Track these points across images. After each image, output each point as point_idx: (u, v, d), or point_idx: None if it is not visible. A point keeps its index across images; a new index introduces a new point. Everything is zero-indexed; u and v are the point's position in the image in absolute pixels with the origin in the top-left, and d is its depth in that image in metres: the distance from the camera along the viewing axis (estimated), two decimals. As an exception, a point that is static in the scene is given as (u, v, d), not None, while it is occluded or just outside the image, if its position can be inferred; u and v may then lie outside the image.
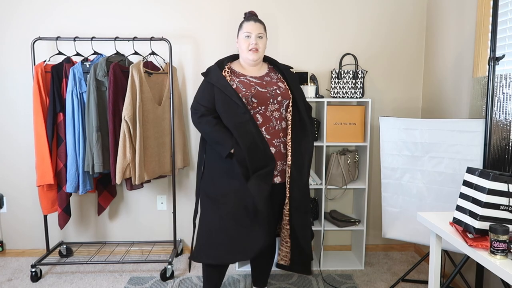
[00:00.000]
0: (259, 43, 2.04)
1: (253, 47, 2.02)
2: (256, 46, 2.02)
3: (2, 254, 3.00)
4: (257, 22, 2.06)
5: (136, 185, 2.56)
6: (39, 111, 2.47)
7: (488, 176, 1.35)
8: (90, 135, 2.44)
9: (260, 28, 2.05)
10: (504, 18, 2.05)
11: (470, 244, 1.34)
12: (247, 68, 2.11)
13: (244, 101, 1.96)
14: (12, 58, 2.83)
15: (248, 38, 2.04)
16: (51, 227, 2.89)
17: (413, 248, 3.09)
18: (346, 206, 3.03)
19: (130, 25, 2.84)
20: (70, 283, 2.57)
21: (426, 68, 2.90)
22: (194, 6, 2.84)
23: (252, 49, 2.03)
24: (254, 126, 1.96)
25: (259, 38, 2.04)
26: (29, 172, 2.91)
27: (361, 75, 2.65)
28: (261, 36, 2.05)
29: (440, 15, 2.67)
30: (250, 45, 2.02)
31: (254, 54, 2.04)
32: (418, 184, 2.28)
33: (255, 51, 2.03)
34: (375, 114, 2.95)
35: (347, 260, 2.89)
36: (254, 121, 1.97)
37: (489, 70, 1.91)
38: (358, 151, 2.85)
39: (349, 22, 2.88)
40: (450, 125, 2.14)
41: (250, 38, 2.03)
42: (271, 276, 2.63)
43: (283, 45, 2.88)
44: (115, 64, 2.42)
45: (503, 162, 2.01)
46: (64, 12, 2.81)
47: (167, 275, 2.59)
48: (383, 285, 2.55)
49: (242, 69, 2.11)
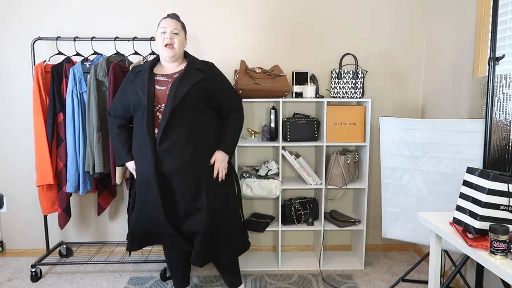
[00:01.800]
0: (175, 38, 2.04)
1: (167, 42, 2.02)
2: (171, 41, 2.03)
3: (2, 254, 3.00)
4: (174, 19, 2.08)
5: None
6: (39, 111, 2.47)
7: (488, 176, 1.35)
8: (90, 135, 2.44)
9: (176, 25, 2.06)
10: (504, 18, 2.05)
11: (470, 244, 1.35)
12: (165, 66, 2.11)
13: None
14: (12, 58, 2.83)
15: (163, 34, 2.04)
16: (51, 227, 2.90)
17: (413, 248, 3.09)
18: (346, 206, 3.03)
19: (130, 25, 2.84)
20: (70, 283, 2.57)
21: (426, 68, 2.90)
22: (194, 6, 2.84)
23: (168, 45, 2.03)
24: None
25: (175, 34, 2.04)
26: (29, 172, 2.91)
27: (361, 75, 2.66)
28: (177, 33, 2.05)
29: (440, 15, 2.67)
30: (165, 40, 2.03)
31: (170, 51, 2.04)
32: (418, 184, 2.28)
33: (170, 48, 2.03)
34: (375, 114, 2.95)
35: (347, 260, 2.89)
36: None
37: (489, 70, 1.91)
38: (358, 151, 2.85)
39: (349, 21, 2.88)
40: (450, 125, 2.14)
41: (165, 34, 2.03)
42: (270, 276, 2.63)
43: (283, 45, 2.88)
44: (115, 64, 2.42)
45: (503, 162, 2.01)
46: (64, 12, 2.81)
47: (167, 275, 2.59)
48: (383, 285, 2.55)
49: (160, 68, 2.12)
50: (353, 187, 2.70)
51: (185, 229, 2.08)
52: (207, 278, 2.61)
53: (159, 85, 2.03)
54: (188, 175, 2.03)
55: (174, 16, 2.12)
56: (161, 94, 2.01)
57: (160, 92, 2.01)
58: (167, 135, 1.98)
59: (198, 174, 2.05)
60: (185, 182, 2.03)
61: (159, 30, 2.06)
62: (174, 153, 2.00)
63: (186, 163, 2.01)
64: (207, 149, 2.10)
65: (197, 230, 2.05)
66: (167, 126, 1.97)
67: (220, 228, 2.11)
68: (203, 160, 2.08)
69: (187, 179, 2.03)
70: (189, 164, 2.02)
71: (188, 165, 2.02)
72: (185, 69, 2.06)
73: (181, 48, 2.08)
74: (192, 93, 2.00)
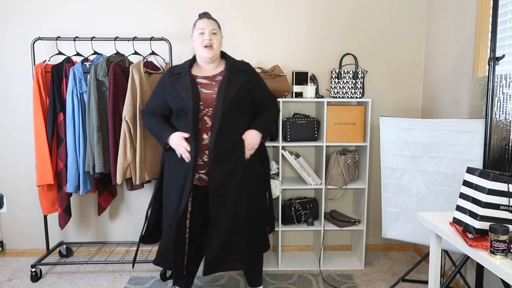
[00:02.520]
0: (213, 39, 2.03)
1: (207, 43, 2.01)
2: (210, 42, 2.01)
3: (2, 254, 3.00)
4: (210, 19, 2.07)
5: (137, 185, 2.57)
6: (39, 111, 2.47)
7: (488, 176, 1.35)
8: (90, 135, 2.44)
9: (213, 25, 2.05)
10: (504, 18, 2.05)
11: (470, 244, 1.34)
12: (203, 68, 2.10)
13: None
14: (12, 58, 2.83)
15: (202, 35, 2.03)
16: (51, 227, 2.90)
17: (413, 248, 3.09)
18: (346, 206, 3.03)
19: (130, 25, 2.84)
20: (70, 283, 2.57)
21: (426, 68, 2.90)
22: (194, 6, 2.84)
23: (207, 46, 2.02)
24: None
25: (213, 35, 2.03)
26: (29, 172, 2.91)
27: (361, 75, 2.66)
28: (215, 33, 2.04)
29: (440, 15, 2.67)
30: (204, 41, 2.01)
31: (209, 51, 2.02)
32: (418, 184, 2.28)
33: (210, 48, 2.02)
34: (375, 114, 2.95)
35: (347, 260, 2.89)
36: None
37: (489, 70, 1.91)
38: (358, 151, 2.85)
39: (349, 21, 2.88)
40: (450, 125, 2.14)
41: (204, 34, 2.02)
42: (271, 276, 2.63)
43: (283, 45, 2.89)
44: (115, 64, 2.42)
45: (503, 162, 2.01)
46: (64, 12, 2.81)
47: (167, 275, 2.59)
48: (383, 285, 2.55)
49: (198, 69, 2.10)
50: (353, 187, 2.70)
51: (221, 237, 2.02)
52: (207, 278, 2.61)
53: (204, 88, 2.01)
54: (236, 180, 2.00)
55: (209, 16, 2.10)
56: (208, 98, 1.98)
57: (206, 96, 1.99)
58: (220, 139, 1.95)
59: (240, 178, 2.03)
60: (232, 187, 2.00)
61: (197, 31, 2.04)
62: (226, 157, 1.97)
63: (235, 167, 2.00)
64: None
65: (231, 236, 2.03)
66: (220, 130, 1.94)
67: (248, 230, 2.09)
68: (245, 163, 2.05)
69: (234, 184, 2.00)
70: (237, 168, 2.00)
71: (236, 169, 2.00)
72: (228, 70, 2.05)
73: (219, 48, 2.08)
74: (239, 95, 2.00)
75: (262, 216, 2.18)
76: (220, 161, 1.96)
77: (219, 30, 2.08)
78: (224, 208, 2.00)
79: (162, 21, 2.84)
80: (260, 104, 2.15)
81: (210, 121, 1.98)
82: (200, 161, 2.00)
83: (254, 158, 2.11)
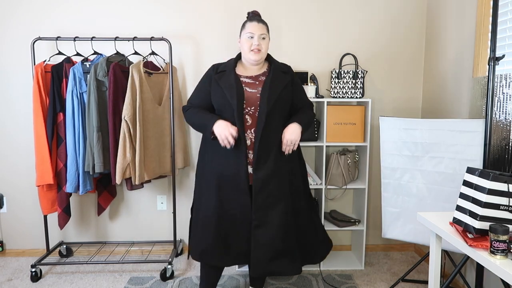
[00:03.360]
0: (262, 43, 2.02)
1: (255, 48, 2.00)
2: (258, 47, 2.00)
3: (2, 254, 3.00)
4: (260, 23, 2.03)
5: (136, 185, 2.57)
6: (39, 111, 2.47)
7: (488, 176, 1.35)
8: (90, 135, 2.44)
9: (263, 29, 2.03)
10: (504, 18, 2.05)
11: (470, 244, 1.34)
12: (248, 68, 2.10)
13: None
14: (12, 58, 2.83)
15: (251, 39, 2.01)
16: (51, 227, 2.90)
17: (413, 248, 3.09)
18: (346, 206, 3.03)
19: (130, 25, 2.84)
20: (70, 283, 2.57)
21: (426, 68, 2.90)
22: (194, 6, 2.84)
23: (254, 50, 2.00)
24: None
25: (262, 39, 2.02)
26: (29, 172, 2.91)
27: (361, 75, 2.66)
28: (264, 37, 2.03)
29: (440, 15, 2.67)
30: (253, 45, 2.00)
31: (257, 55, 2.01)
32: (418, 184, 2.28)
33: (257, 52, 2.01)
34: (375, 114, 2.95)
35: (347, 260, 2.89)
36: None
37: (489, 70, 1.91)
38: (358, 151, 2.85)
39: (349, 22, 2.88)
40: (450, 125, 2.14)
41: (253, 39, 2.01)
42: (271, 276, 2.63)
43: (283, 45, 2.88)
44: (115, 64, 2.42)
45: (503, 162, 2.01)
46: (64, 12, 2.81)
47: (167, 275, 2.59)
48: (383, 285, 2.55)
49: (242, 69, 2.10)
50: (353, 187, 2.70)
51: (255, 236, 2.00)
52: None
53: (248, 87, 2.02)
54: (276, 181, 1.99)
55: (260, 19, 2.06)
56: (251, 97, 1.99)
57: (250, 95, 2.00)
58: (263, 138, 1.96)
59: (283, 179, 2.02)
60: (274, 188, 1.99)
61: (246, 34, 2.01)
62: (269, 156, 1.98)
63: (276, 168, 1.99)
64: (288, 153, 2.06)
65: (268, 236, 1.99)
66: (264, 130, 1.95)
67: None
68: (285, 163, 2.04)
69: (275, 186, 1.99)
70: (278, 168, 2.00)
71: (277, 169, 2.00)
72: (272, 71, 2.05)
73: (266, 51, 2.07)
74: (282, 96, 2.01)
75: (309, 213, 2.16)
76: (263, 160, 1.96)
77: (267, 34, 2.06)
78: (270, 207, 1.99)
79: (162, 21, 2.84)
80: (296, 107, 2.15)
81: (250, 120, 1.99)
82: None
83: (293, 155, 2.09)
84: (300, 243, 2.08)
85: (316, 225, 2.19)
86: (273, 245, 1.97)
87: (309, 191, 2.22)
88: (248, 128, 1.99)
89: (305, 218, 2.12)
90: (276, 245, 1.97)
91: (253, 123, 1.98)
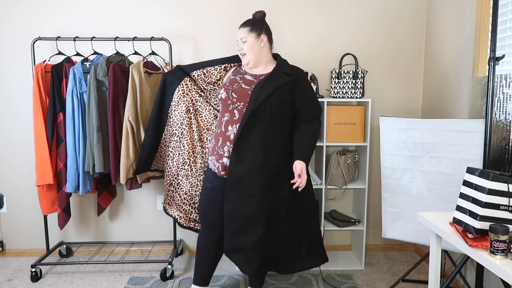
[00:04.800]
0: (243, 46, 2.09)
1: (239, 53, 2.12)
2: (242, 51, 2.10)
3: (2, 254, 3.00)
4: (241, 27, 2.12)
5: (136, 185, 2.58)
6: (39, 111, 2.47)
7: (488, 176, 1.35)
8: (90, 135, 2.44)
9: (242, 32, 2.10)
10: (504, 18, 2.05)
11: (470, 244, 1.34)
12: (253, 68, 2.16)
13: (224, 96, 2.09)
14: (12, 58, 2.83)
15: (238, 45, 2.14)
16: (51, 227, 2.90)
17: (413, 248, 3.09)
18: (346, 206, 3.03)
19: (130, 25, 2.84)
20: (70, 283, 2.57)
21: (426, 68, 2.90)
22: (194, 6, 2.84)
23: (240, 54, 2.12)
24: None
25: (243, 43, 2.09)
26: (29, 172, 2.91)
27: (361, 75, 2.66)
28: (244, 41, 2.09)
29: (440, 15, 2.67)
30: (237, 51, 2.14)
31: (244, 58, 2.12)
32: (418, 184, 2.28)
33: (243, 55, 2.11)
34: (375, 114, 2.95)
35: (347, 260, 2.89)
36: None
37: (489, 70, 1.91)
38: (358, 151, 2.85)
39: (349, 22, 2.88)
40: (450, 125, 2.14)
41: (238, 44, 2.13)
42: (270, 276, 2.63)
43: (283, 45, 2.88)
44: (115, 64, 2.42)
45: (503, 162, 2.01)
46: (64, 12, 2.81)
47: (167, 275, 2.59)
48: (383, 285, 2.55)
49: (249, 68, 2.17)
50: (353, 187, 2.70)
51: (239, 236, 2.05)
52: (207, 278, 2.61)
53: (245, 83, 2.07)
54: (258, 181, 2.00)
55: (243, 23, 2.13)
56: (243, 93, 2.04)
57: (242, 91, 2.05)
58: (244, 136, 1.98)
59: (266, 180, 2.02)
60: (254, 186, 2.00)
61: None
62: (245, 157, 1.99)
63: (257, 168, 2.00)
64: (278, 155, 2.05)
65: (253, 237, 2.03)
66: (245, 128, 1.98)
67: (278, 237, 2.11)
68: (272, 166, 2.04)
69: (256, 185, 2.00)
70: (259, 170, 2.00)
71: (258, 170, 2.00)
72: (272, 71, 2.08)
73: (253, 52, 2.09)
74: (273, 97, 2.01)
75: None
76: (240, 158, 1.99)
77: (248, 36, 2.08)
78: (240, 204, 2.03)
79: (162, 21, 2.84)
80: (299, 113, 2.10)
81: (238, 115, 2.03)
82: (221, 151, 2.05)
83: (283, 173, 2.09)
84: (269, 249, 2.09)
85: (303, 237, 2.18)
86: (233, 239, 2.05)
87: (307, 207, 2.20)
88: (234, 123, 2.03)
89: (283, 227, 2.10)
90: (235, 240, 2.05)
91: (240, 119, 2.02)
